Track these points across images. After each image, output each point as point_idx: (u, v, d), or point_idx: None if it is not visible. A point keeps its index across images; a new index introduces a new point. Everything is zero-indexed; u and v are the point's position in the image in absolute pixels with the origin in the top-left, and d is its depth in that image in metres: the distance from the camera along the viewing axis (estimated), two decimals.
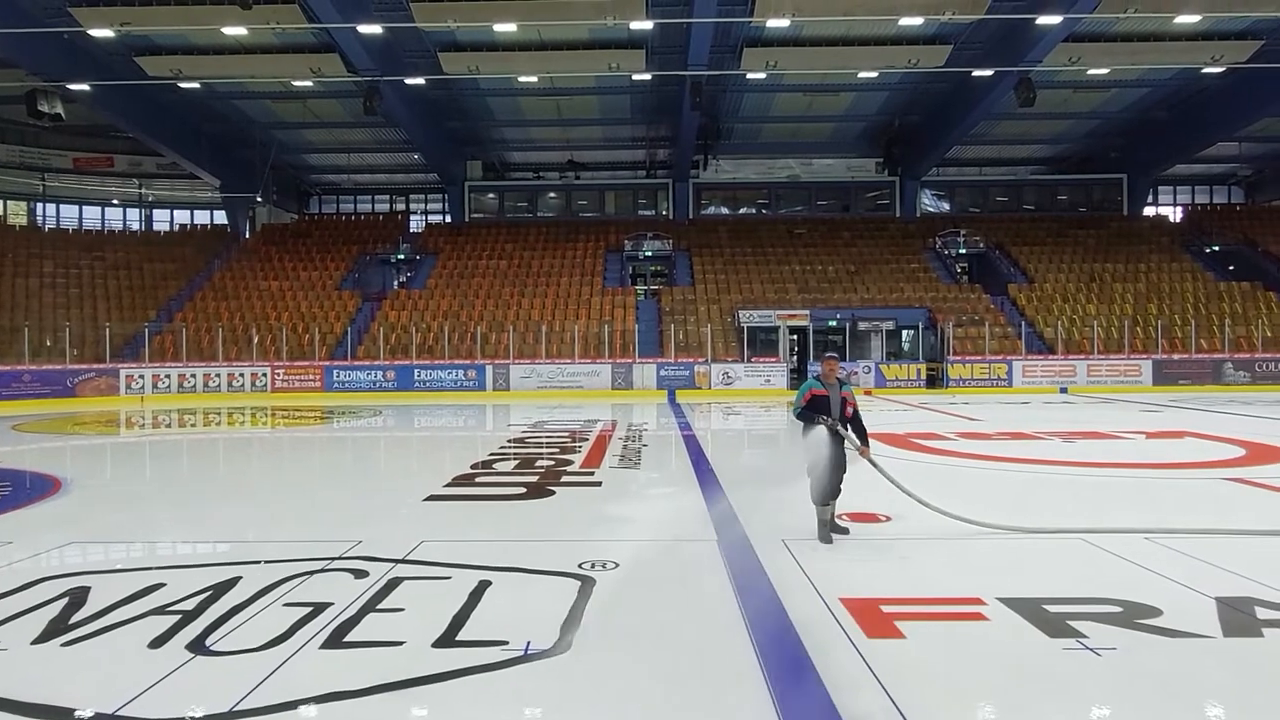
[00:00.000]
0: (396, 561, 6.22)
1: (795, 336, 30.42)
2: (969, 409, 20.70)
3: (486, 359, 29.02)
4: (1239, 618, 4.88)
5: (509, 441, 14.92)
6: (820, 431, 6.71)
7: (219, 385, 28.41)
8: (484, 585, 5.59)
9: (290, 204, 43.58)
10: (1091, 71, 28.55)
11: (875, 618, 4.93)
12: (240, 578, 5.79)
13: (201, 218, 44.07)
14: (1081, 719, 3.73)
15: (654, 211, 41.82)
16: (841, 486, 6.93)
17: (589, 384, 28.32)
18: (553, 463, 11.73)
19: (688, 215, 40.45)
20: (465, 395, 27.66)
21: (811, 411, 6.73)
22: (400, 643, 4.56)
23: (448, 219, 42.28)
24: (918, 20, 24.39)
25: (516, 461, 12.10)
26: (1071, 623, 4.78)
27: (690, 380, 28.31)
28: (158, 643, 4.59)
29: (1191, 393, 26.11)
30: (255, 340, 29.51)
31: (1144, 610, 5.00)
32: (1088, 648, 4.43)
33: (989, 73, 27.28)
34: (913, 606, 5.15)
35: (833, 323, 30.17)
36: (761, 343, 29.90)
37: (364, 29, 24.07)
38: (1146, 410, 19.81)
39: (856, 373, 27.83)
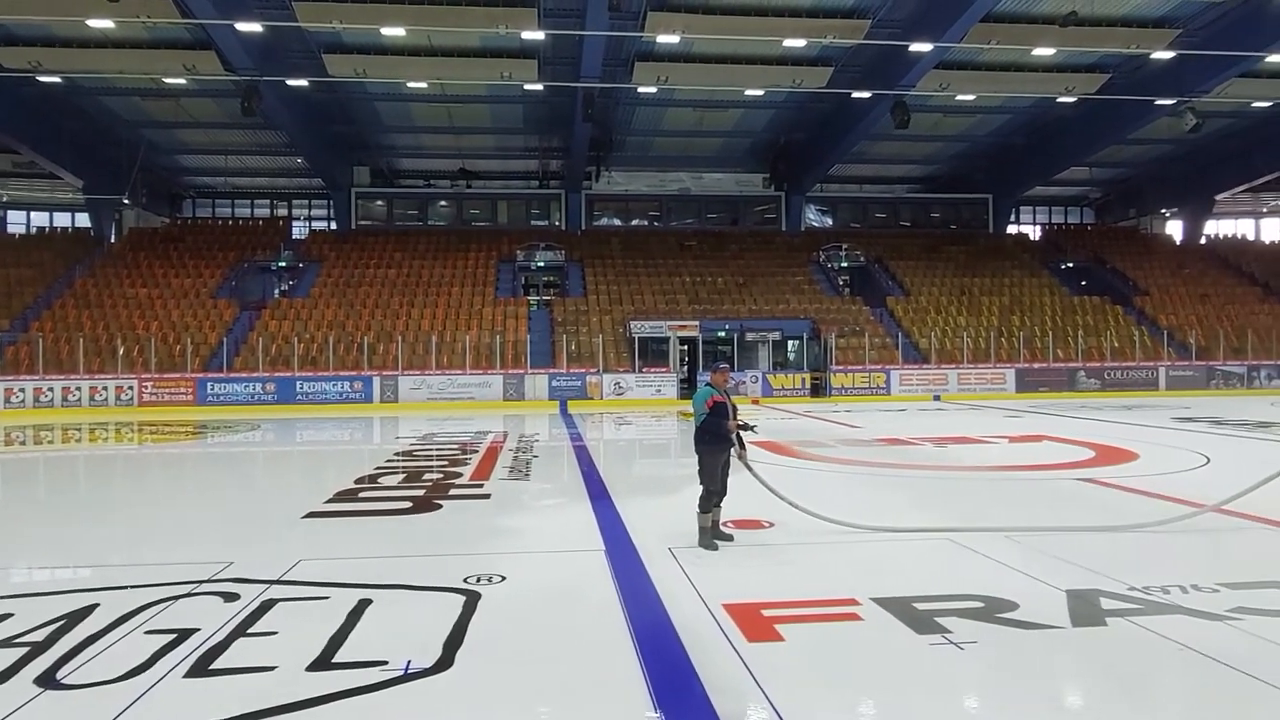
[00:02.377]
0: (270, 583, 5.97)
1: (685, 347, 30.89)
2: (850, 416, 21.53)
3: (374, 370, 28.19)
4: (1086, 608, 5.27)
5: (396, 455, 14.55)
6: (723, 436, 6.93)
7: (79, 399, 26.50)
8: (364, 604, 5.43)
9: (161, 207, 41.11)
10: (960, 97, 30.30)
11: (756, 622, 5.06)
12: (97, 605, 5.43)
13: (62, 220, 41.09)
14: (945, 710, 3.95)
15: (547, 222, 41.67)
16: (726, 490, 7.18)
17: (480, 395, 27.93)
18: (441, 476, 11.52)
19: (580, 226, 40.52)
20: (351, 408, 26.78)
21: (716, 418, 6.93)
22: (272, 668, 4.38)
23: (333, 226, 40.88)
24: (801, 42, 25.30)
25: (403, 475, 11.82)
26: (938, 619, 5.05)
27: (582, 391, 28.33)
28: (2, 678, 4.25)
29: (1049, 399, 27.97)
30: (121, 351, 27.68)
31: (1003, 605, 5.33)
32: (952, 642, 4.68)
33: (867, 95, 28.54)
34: (792, 609, 5.32)
35: (721, 333, 30.82)
36: (653, 353, 30.23)
37: (242, 27, 23.05)
38: (1010, 416, 21.10)
39: (744, 382, 28.49)
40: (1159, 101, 28.85)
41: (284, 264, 35.41)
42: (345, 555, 6.94)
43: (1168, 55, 26.11)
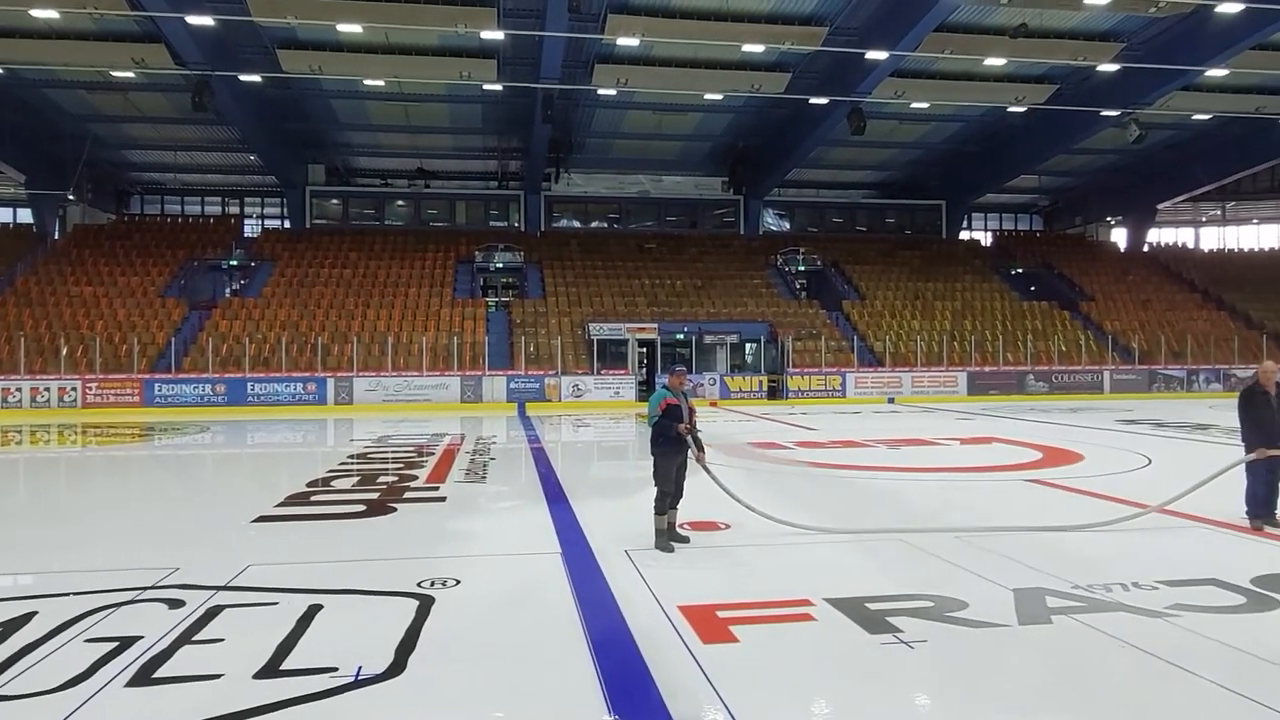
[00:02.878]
0: (218, 589, 5.84)
1: (644, 349, 30.94)
2: (807, 419, 21.76)
3: (328, 372, 27.74)
4: (1032, 607, 5.39)
5: (350, 457, 14.34)
6: (674, 438, 7.01)
7: (20, 401, 25.64)
8: (315, 610, 5.34)
9: (107, 203, 39.97)
10: (914, 105, 30.83)
11: (711, 624, 5.09)
12: (35, 613, 5.26)
13: (3, 216, 39.81)
14: (896, 709, 4.01)
15: (506, 223, 41.45)
16: (682, 492, 7.25)
17: (437, 397, 27.65)
18: (396, 478, 11.38)
19: (539, 228, 40.37)
20: (304, 410, 26.31)
21: (668, 420, 7.01)
22: (217, 676, 4.28)
23: (287, 224, 40.17)
24: (759, 48, 25.51)
25: (357, 478, 11.66)
26: (889, 619, 5.13)
27: (540, 393, 28.21)
28: None
29: (999, 401, 28.57)
30: (64, 351, 26.85)
31: (952, 604, 5.43)
32: (903, 641, 4.76)
33: (825, 101, 28.90)
34: (746, 611, 5.36)
35: (680, 336, 30.92)
36: (611, 355, 30.22)
37: (193, 20, 22.52)
38: (961, 418, 21.51)
39: (702, 385, 28.63)
40: (1104, 112, 29.66)
41: (235, 263, 34.68)
42: (295, 560, 6.82)
43: (1113, 68, 26.86)
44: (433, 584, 5.93)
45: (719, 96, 29.91)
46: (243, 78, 26.85)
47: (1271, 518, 7.74)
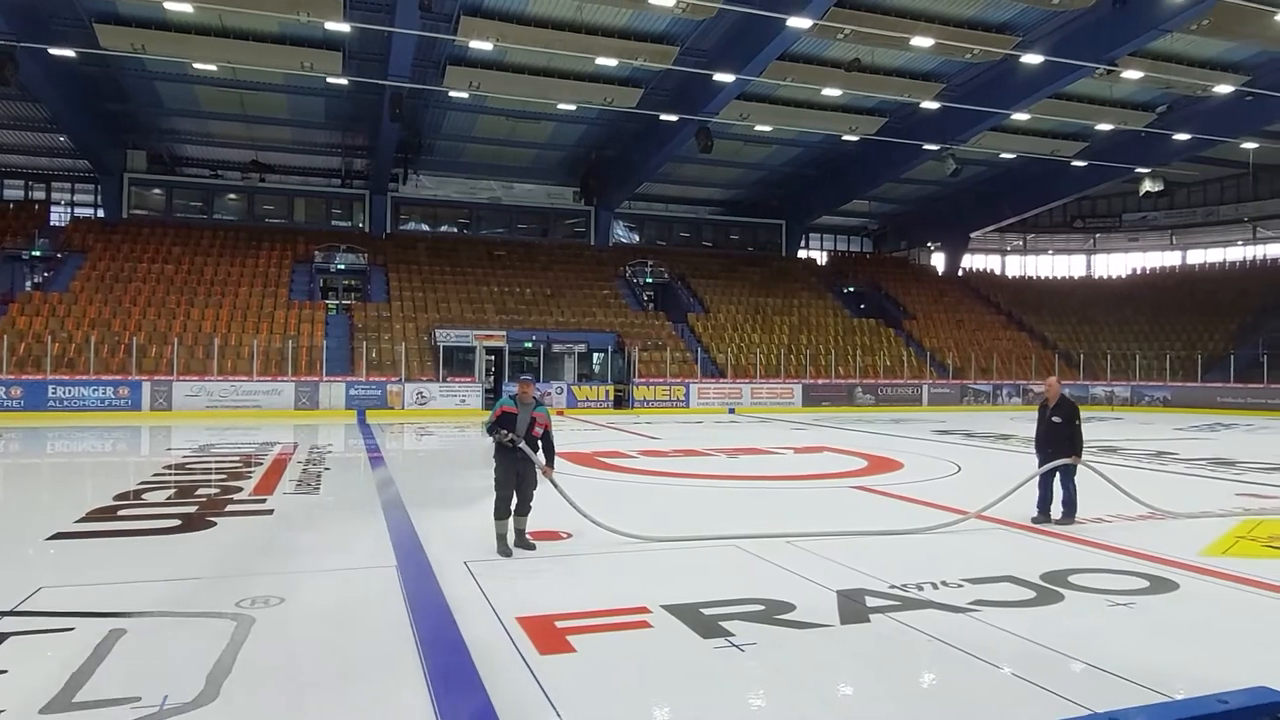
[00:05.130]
0: (3, 614, 5.25)
1: (492, 357, 30.54)
2: (651, 428, 22.16)
3: (144, 375, 25.55)
4: (853, 607, 5.73)
5: (166, 468, 13.28)
6: (502, 446, 7.12)
7: None
8: (116, 635, 4.90)
9: None
10: (758, 128, 32.17)
11: (549, 634, 5.08)
12: None
13: None
14: (724, 710, 4.14)
15: (349, 223, 39.75)
16: (531, 504, 7.33)
17: (268, 403, 26.09)
18: (217, 490, 10.64)
19: (385, 229, 39.00)
20: (115, 416, 24.10)
21: (498, 427, 7.09)
22: None
23: (101, 214, 36.74)
24: (613, 62, 25.85)
25: (173, 490, 10.81)
26: (722, 623, 5.30)
27: (383, 400, 27.21)
28: None
29: (831, 412, 30.20)
30: None
31: (781, 606, 5.69)
32: (734, 644, 4.94)
33: (675, 118, 29.64)
34: (585, 620, 5.39)
35: (528, 344, 30.73)
36: (458, 362, 29.62)
37: None
38: (795, 428, 22.58)
39: (549, 393, 28.56)
40: (926, 146, 32.14)
41: (39, 253, 31.30)
42: (97, 581, 6.23)
43: (934, 106, 29.14)
44: (253, 603, 5.58)
45: (572, 107, 30.06)
46: (54, 51, 24.30)
47: (1047, 518, 8.73)
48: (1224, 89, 27.87)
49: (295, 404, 26.32)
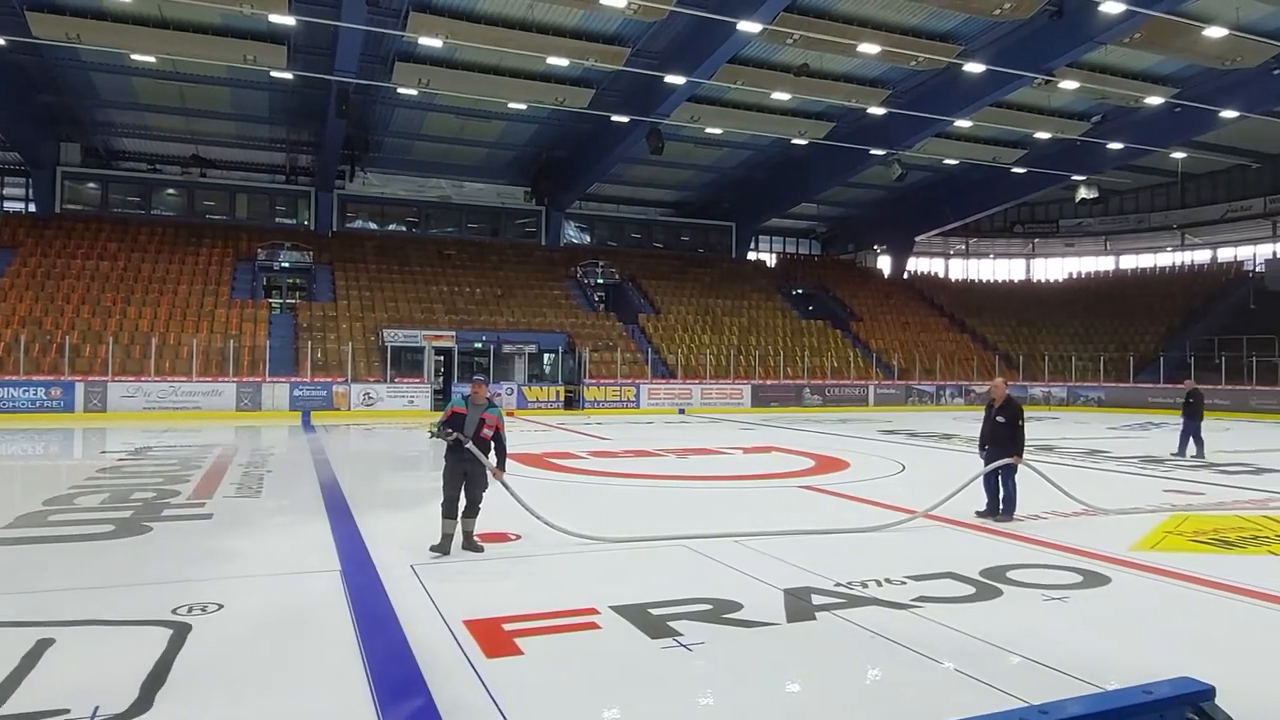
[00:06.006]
0: None
1: (441, 357, 30.19)
2: (601, 429, 22.14)
3: (78, 375, 24.67)
4: (799, 605, 5.80)
5: (100, 471, 12.83)
6: (450, 447, 7.13)
7: None
8: (44, 645, 4.72)
9: None
10: (709, 130, 32.37)
11: (496, 637, 5.04)
12: None
13: None
14: (672, 710, 4.15)
15: (294, 221, 38.89)
16: (479, 506, 7.29)
17: (209, 405, 25.41)
18: (154, 494, 10.33)
19: (331, 227, 38.26)
20: (46, 417, 23.21)
21: (445, 426, 7.12)
22: None
23: (32, 208, 35.36)
24: (564, 62, 25.75)
25: (107, 494, 10.45)
26: (670, 623, 5.32)
27: (328, 401, 26.70)
28: None
29: (779, 413, 30.52)
30: None
31: (729, 605, 5.73)
32: (682, 644, 4.96)
33: (626, 119, 29.66)
34: (533, 622, 5.36)
35: (478, 344, 30.46)
36: (407, 363, 29.21)
37: None
38: (744, 429, 22.77)
39: (499, 394, 28.33)
40: (873, 151, 32.70)
41: None
42: (23, 589, 6.01)
43: (880, 111, 29.66)
44: (190, 610, 5.43)
45: (523, 106, 29.88)
46: None
47: (993, 514, 8.98)
48: (1155, 100, 28.92)
49: (237, 405, 25.68)
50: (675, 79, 25.92)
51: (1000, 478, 9.04)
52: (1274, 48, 24.86)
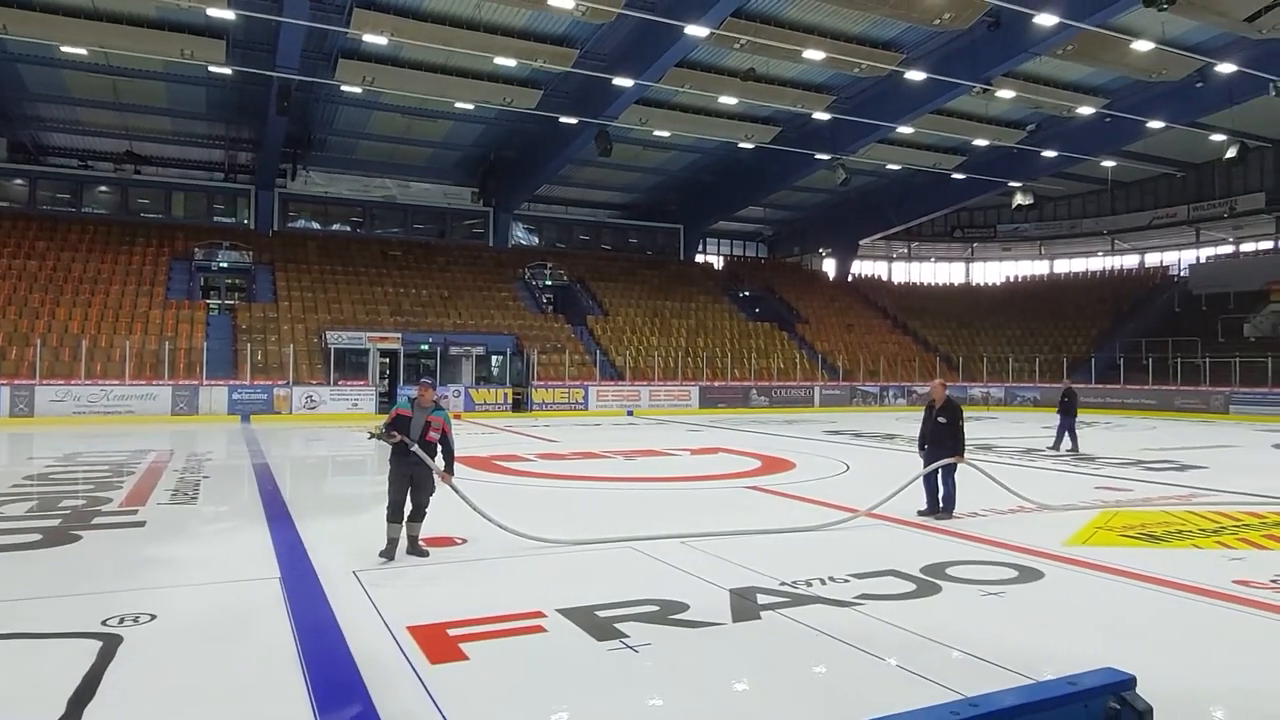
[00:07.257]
0: None
1: (386, 359, 29.73)
2: (549, 431, 22.05)
3: (3, 379, 23.65)
4: (745, 605, 5.86)
5: (26, 478, 12.35)
6: (395, 450, 7.07)
7: None
8: None
9: None
10: (657, 133, 32.50)
11: (441, 643, 4.99)
12: None
13: None
14: (618, 712, 4.17)
15: (233, 219, 37.92)
16: (425, 510, 7.23)
17: (143, 409, 24.62)
18: (83, 502, 9.98)
19: (272, 227, 37.40)
20: None
21: (390, 429, 7.05)
22: None
23: None
24: (512, 62, 25.58)
25: (34, 502, 10.08)
26: (617, 625, 5.33)
27: (269, 404, 26.09)
28: None
29: (727, 414, 30.76)
30: None
31: (675, 606, 5.76)
32: (629, 646, 4.97)
33: (574, 121, 29.60)
34: (478, 626, 5.31)
35: (425, 346, 30.08)
36: (350, 365, 28.69)
37: None
38: (692, 430, 22.89)
39: (446, 397, 28.01)
40: (818, 156, 33.20)
41: None
42: None
43: (825, 117, 30.11)
44: (121, 621, 5.26)
45: (470, 106, 29.61)
46: None
47: (934, 513, 9.18)
48: (1086, 110, 29.96)
49: (173, 409, 24.94)
50: (623, 81, 25.96)
51: (940, 477, 9.26)
52: (1198, 61, 25.94)
